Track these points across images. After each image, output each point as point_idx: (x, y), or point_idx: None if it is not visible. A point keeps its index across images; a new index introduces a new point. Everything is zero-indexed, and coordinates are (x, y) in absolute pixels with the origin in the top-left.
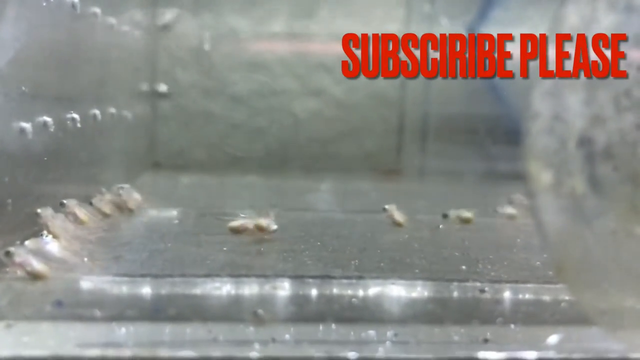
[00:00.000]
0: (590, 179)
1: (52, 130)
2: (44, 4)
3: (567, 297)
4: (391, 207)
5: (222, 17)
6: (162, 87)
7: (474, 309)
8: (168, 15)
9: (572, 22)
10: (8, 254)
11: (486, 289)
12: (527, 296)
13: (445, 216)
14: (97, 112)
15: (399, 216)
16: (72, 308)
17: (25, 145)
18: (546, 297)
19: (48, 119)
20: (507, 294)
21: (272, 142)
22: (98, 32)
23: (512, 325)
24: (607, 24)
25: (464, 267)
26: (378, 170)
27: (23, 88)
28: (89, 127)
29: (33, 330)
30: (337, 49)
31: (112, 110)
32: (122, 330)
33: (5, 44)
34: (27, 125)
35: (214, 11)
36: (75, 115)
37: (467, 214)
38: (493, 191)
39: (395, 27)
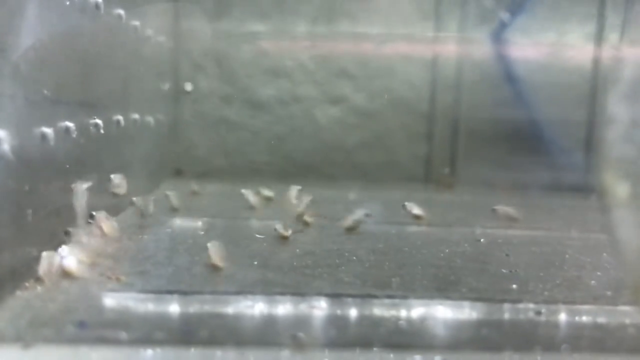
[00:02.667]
0: None
1: (74, 136)
2: (67, 3)
3: (632, 321)
4: (246, 192)
5: (243, 22)
6: (188, 87)
7: (530, 332)
8: None
9: None
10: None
11: (542, 310)
12: (585, 318)
13: (257, 193)
14: (120, 117)
15: (254, 201)
16: (94, 329)
17: (46, 151)
18: (608, 321)
19: (70, 125)
20: (563, 317)
21: (293, 149)
22: (122, 35)
23: (574, 353)
24: None
25: (514, 285)
26: (406, 180)
27: (45, 91)
28: (112, 133)
29: (52, 352)
30: (359, 54)
31: (135, 115)
32: (148, 353)
33: (25, 42)
34: (48, 131)
35: (234, 16)
36: (98, 121)
37: (268, 193)
38: (526, 201)
39: (422, 30)
